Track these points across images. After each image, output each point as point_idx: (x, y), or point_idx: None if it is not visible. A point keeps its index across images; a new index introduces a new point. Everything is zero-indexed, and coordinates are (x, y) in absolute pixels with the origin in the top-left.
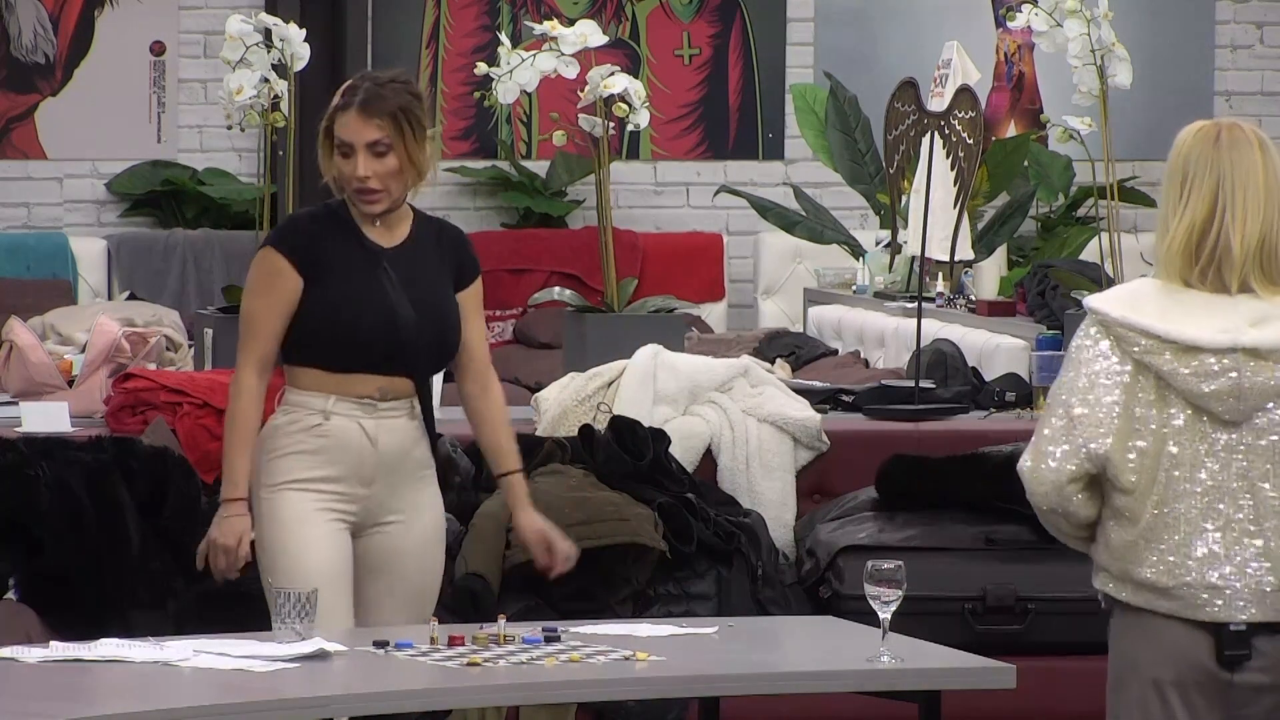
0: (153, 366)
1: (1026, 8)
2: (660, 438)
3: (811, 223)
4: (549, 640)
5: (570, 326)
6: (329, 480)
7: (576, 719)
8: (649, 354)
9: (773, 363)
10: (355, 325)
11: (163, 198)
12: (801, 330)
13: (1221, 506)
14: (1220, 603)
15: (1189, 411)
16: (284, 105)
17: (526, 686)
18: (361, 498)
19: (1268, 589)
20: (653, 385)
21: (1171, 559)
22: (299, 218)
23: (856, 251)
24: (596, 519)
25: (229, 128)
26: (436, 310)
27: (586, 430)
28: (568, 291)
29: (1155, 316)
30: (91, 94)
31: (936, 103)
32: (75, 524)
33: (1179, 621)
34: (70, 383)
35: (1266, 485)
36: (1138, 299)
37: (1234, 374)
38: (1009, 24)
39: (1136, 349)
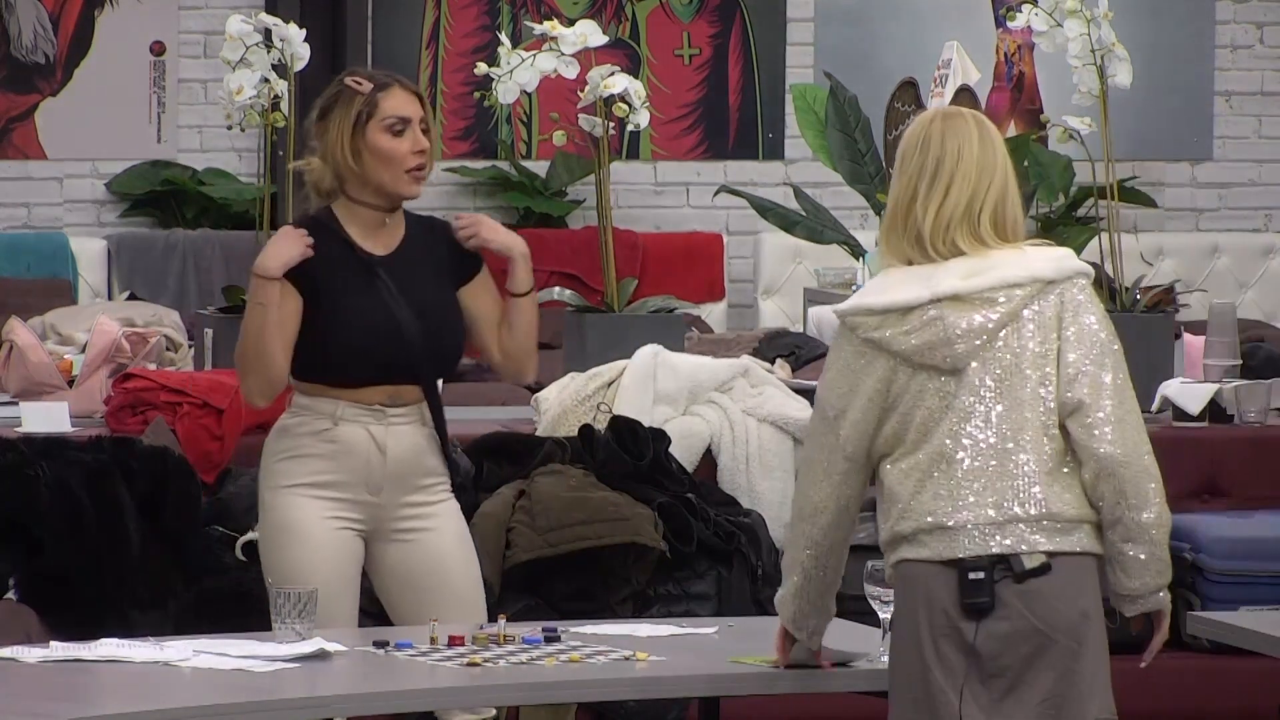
0: (153, 366)
1: (1026, 7)
2: (660, 438)
3: (811, 222)
4: (549, 640)
5: (570, 326)
6: (335, 485)
7: (577, 719)
8: (649, 354)
9: (773, 362)
10: (356, 338)
11: (163, 198)
12: (801, 330)
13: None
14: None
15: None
16: (284, 105)
17: (526, 686)
18: (370, 505)
19: None
20: (653, 385)
21: None
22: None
23: (857, 251)
24: (596, 519)
25: (229, 128)
26: (438, 315)
27: (586, 430)
28: (568, 291)
29: (874, 294)
30: (91, 94)
31: (936, 102)
32: (75, 524)
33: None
34: (70, 383)
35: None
36: (865, 288)
37: (938, 322)
38: (1009, 24)
39: (862, 330)
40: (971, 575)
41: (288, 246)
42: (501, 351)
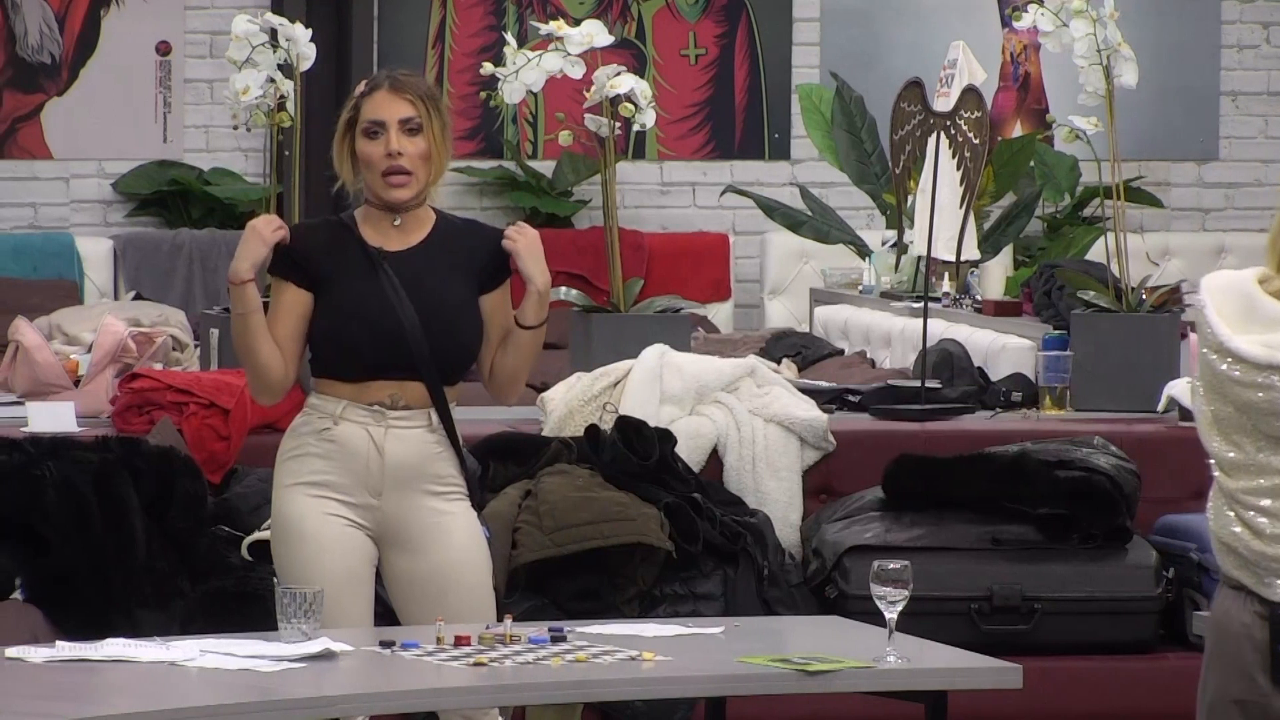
0: (159, 366)
1: (1032, 8)
2: (666, 438)
3: (818, 222)
4: (555, 640)
5: (576, 326)
6: (335, 485)
7: (583, 719)
8: (655, 354)
9: (779, 363)
10: (357, 330)
11: (169, 197)
12: (808, 330)
13: None
14: None
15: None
16: (290, 105)
17: (532, 686)
18: (372, 508)
19: None
20: (659, 385)
21: None
22: (297, 230)
23: (863, 251)
24: (603, 519)
25: (235, 128)
26: (445, 313)
27: (593, 430)
28: (574, 291)
29: (1228, 316)
30: (97, 94)
31: (942, 103)
32: (81, 524)
33: None
34: (76, 383)
35: None
36: (1228, 288)
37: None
38: (1015, 24)
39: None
40: None
41: (254, 246)
42: (491, 371)
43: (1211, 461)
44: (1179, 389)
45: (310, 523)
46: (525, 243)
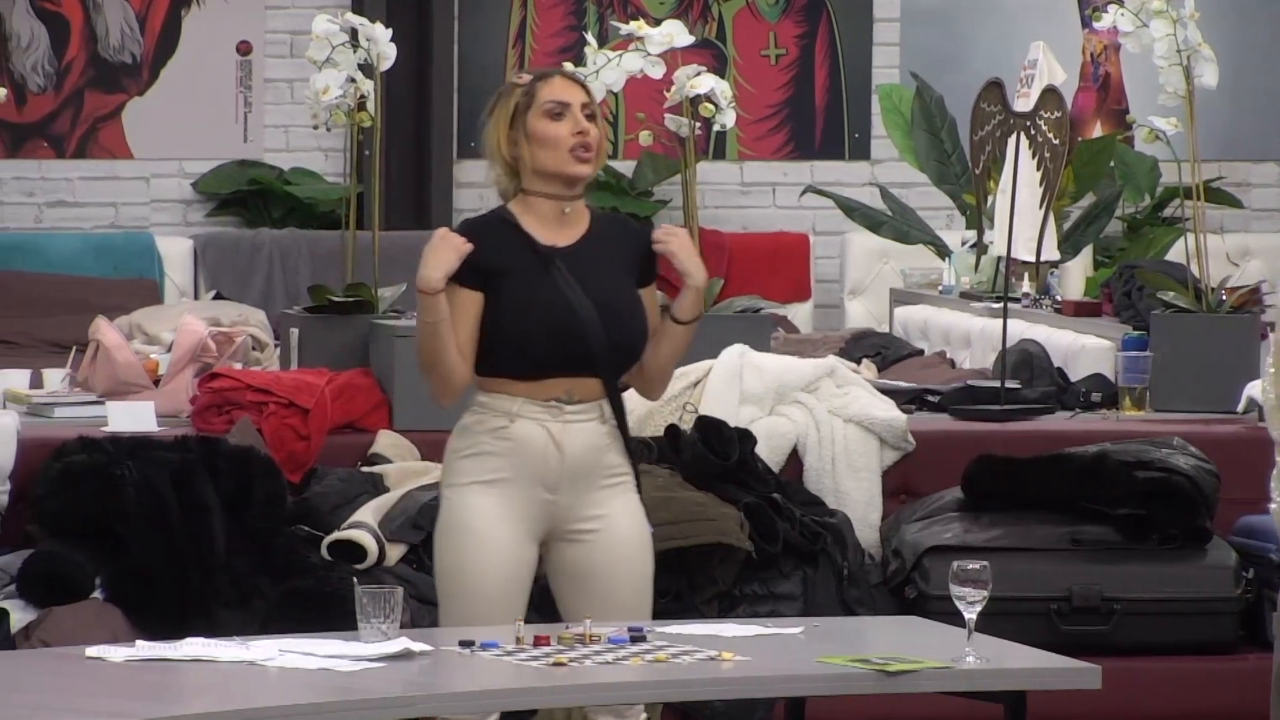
0: (238, 366)
1: (1113, 8)
2: (746, 438)
3: (898, 223)
4: (635, 640)
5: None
6: (511, 483)
7: (663, 718)
8: (735, 354)
9: (859, 363)
10: (534, 328)
11: (249, 197)
12: (887, 330)
13: None
14: None
15: None
16: (370, 105)
17: (612, 686)
18: (546, 504)
19: None
20: (739, 385)
21: None
22: (466, 227)
23: (942, 251)
24: (683, 519)
25: (315, 127)
26: (616, 306)
27: (673, 430)
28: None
29: None
30: (178, 94)
31: (1022, 103)
32: (161, 523)
33: None
34: (156, 382)
35: None
36: None
37: None
38: (1095, 24)
39: None
40: None
41: (446, 254)
42: (642, 366)
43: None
44: (1259, 389)
45: (481, 523)
46: (678, 242)
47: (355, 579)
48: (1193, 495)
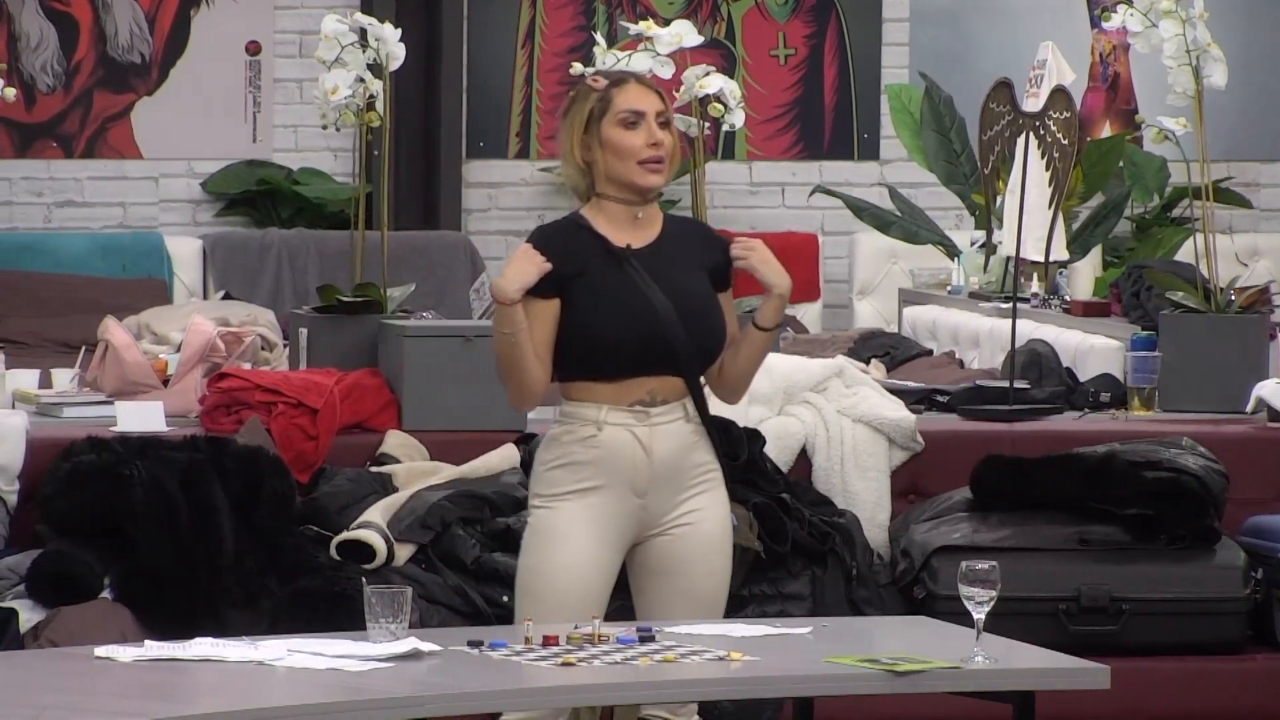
0: (247, 366)
1: (1122, 8)
2: (755, 438)
3: (906, 223)
4: (643, 640)
5: None
6: (601, 491)
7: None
8: None
9: (868, 363)
10: (613, 326)
11: (258, 197)
12: (896, 330)
13: None
14: None
15: None
16: (379, 105)
17: (620, 686)
18: (636, 508)
19: None
20: None
21: None
22: (540, 236)
23: (951, 252)
24: None
25: (324, 127)
26: (693, 305)
27: None
28: None
29: None
30: (187, 93)
31: (1031, 103)
32: (170, 523)
33: None
34: (165, 382)
35: None
36: None
37: None
38: (1104, 24)
39: None
40: None
41: (525, 268)
42: (721, 371)
43: None
44: (1267, 389)
45: (572, 528)
46: (758, 256)
47: (364, 579)
48: (1201, 495)
